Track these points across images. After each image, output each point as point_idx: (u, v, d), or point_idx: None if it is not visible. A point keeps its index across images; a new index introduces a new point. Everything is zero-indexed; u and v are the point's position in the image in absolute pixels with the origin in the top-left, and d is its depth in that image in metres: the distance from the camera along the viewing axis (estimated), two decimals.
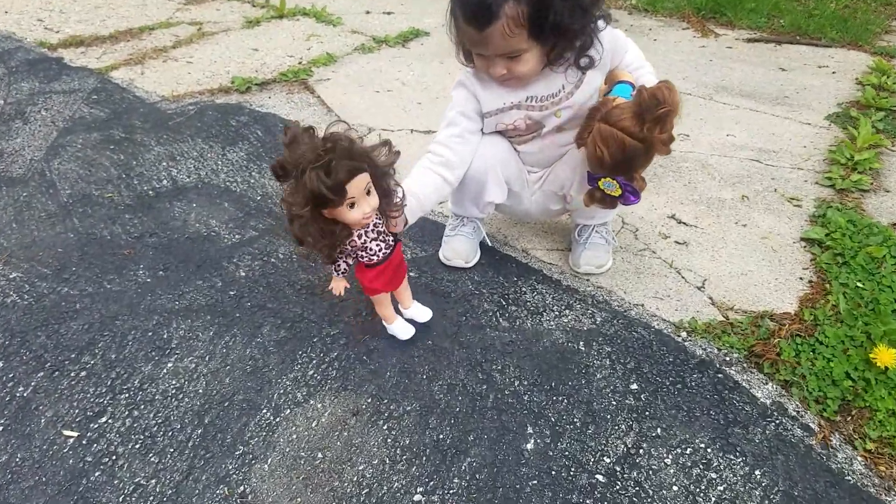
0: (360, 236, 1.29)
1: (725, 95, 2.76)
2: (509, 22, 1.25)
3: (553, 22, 1.27)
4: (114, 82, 2.82)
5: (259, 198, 2.04)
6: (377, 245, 1.32)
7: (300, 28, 3.56)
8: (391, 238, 1.35)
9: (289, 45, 3.30)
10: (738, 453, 1.25)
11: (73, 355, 1.47)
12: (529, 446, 1.26)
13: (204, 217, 1.95)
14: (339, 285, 1.38)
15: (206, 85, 2.82)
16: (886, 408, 1.32)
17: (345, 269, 1.36)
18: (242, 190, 2.08)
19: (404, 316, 1.54)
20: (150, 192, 2.07)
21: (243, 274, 1.71)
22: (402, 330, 1.49)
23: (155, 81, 2.84)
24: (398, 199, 1.31)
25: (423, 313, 1.54)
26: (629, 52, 1.48)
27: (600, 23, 1.37)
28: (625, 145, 1.26)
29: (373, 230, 1.30)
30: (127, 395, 1.37)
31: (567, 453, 1.25)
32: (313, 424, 1.30)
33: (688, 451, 1.25)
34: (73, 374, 1.42)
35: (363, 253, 1.33)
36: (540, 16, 1.26)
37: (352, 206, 1.20)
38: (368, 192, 1.22)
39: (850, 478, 1.21)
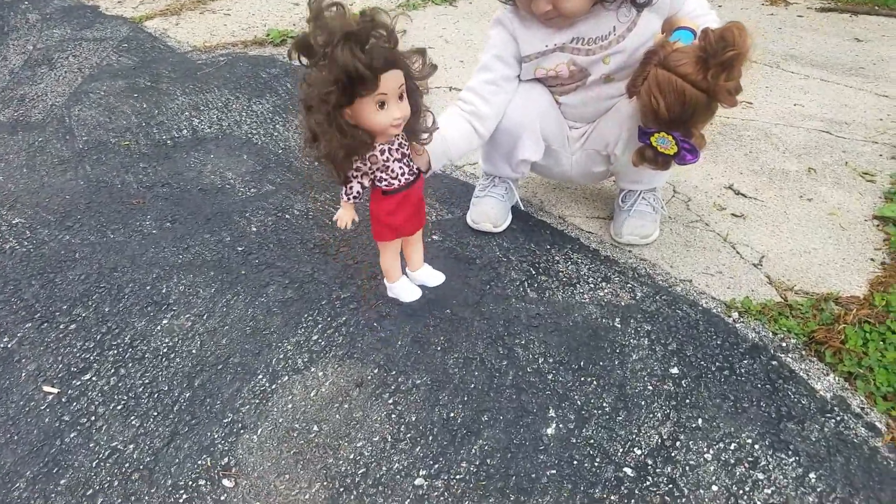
0: (382, 152, 1.13)
1: (794, 64, 2.52)
2: None
3: None
4: (146, 31, 2.75)
5: (280, 151, 1.93)
6: (400, 167, 1.15)
7: None
8: (416, 167, 1.20)
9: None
10: (790, 452, 1.07)
11: (64, 306, 1.38)
12: (550, 431, 1.11)
13: (220, 169, 1.84)
14: (347, 215, 1.20)
15: (240, 37, 2.72)
16: None
17: (357, 192, 1.17)
18: (264, 142, 1.97)
19: (412, 280, 1.39)
20: (168, 142, 1.97)
21: (254, 229, 1.60)
22: (405, 290, 1.35)
23: (189, 32, 2.76)
24: (428, 124, 1.16)
25: (434, 277, 1.38)
26: (690, 1, 1.30)
27: None
28: (685, 94, 1.10)
29: (397, 149, 1.14)
30: (115, 351, 1.27)
31: (592, 441, 1.10)
32: (312, 394, 1.17)
33: (732, 447, 1.08)
34: (61, 327, 1.33)
35: (384, 174, 1.15)
36: None
37: (381, 105, 1.04)
38: (401, 97, 1.06)
39: None
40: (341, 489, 1.03)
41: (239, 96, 2.22)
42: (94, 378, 1.22)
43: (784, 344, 1.26)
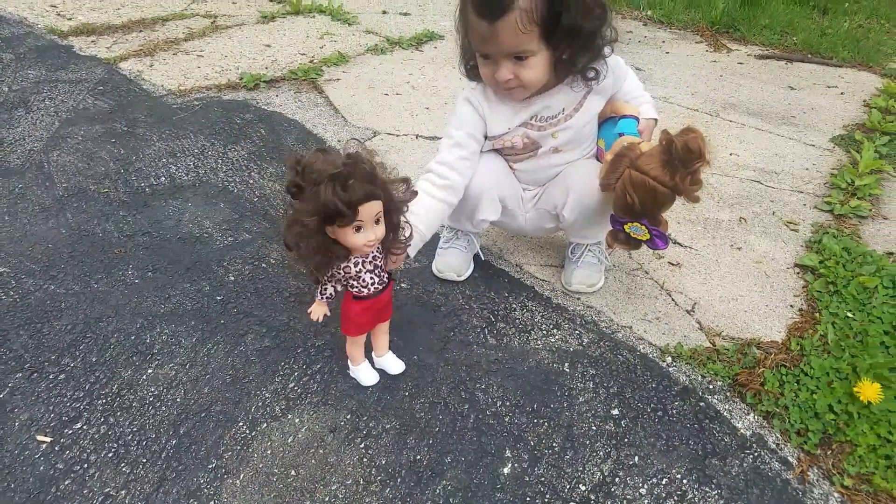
0: (356, 264, 1.25)
1: (732, 113, 2.73)
2: (522, 15, 1.23)
3: (566, 24, 1.26)
4: (121, 73, 2.83)
5: (256, 199, 2.04)
6: (371, 278, 1.28)
7: (315, 25, 3.56)
8: (386, 275, 1.32)
9: (302, 43, 3.30)
10: (713, 486, 1.23)
11: (53, 356, 1.46)
12: (506, 470, 1.25)
13: (198, 217, 1.94)
14: (319, 311, 1.32)
15: (214, 80, 2.82)
16: (867, 443, 1.30)
17: (330, 294, 1.30)
18: (240, 190, 2.08)
19: (374, 364, 1.47)
20: (147, 189, 2.07)
21: (232, 278, 1.71)
22: (365, 375, 1.43)
23: (163, 74, 2.85)
24: (404, 237, 1.29)
25: (395, 365, 1.46)
26: (628, 80, 1.49)
27: (606, 49, 1.37)
28: (656, 192, 1.28)
29: (370, 262, 1.27)
30: (104, 400, 1.37)
31: (543, 479, 1.24)
32: (289, 440, 1.29)
33: (663, 482, 1.23)
34: (51, 377, 1.42)
35: (355, 283, 1.28)
36: (554, 14, 1.25)
37: (358, 229, 1.17)
38: (377, 221, 1.19)
39: None
40: None
41: (214, 142, 2.33)
42: (84, 427, 1.32)
43: (711, 386, 1.43)
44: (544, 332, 1.57)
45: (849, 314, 1.60)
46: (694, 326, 1.59)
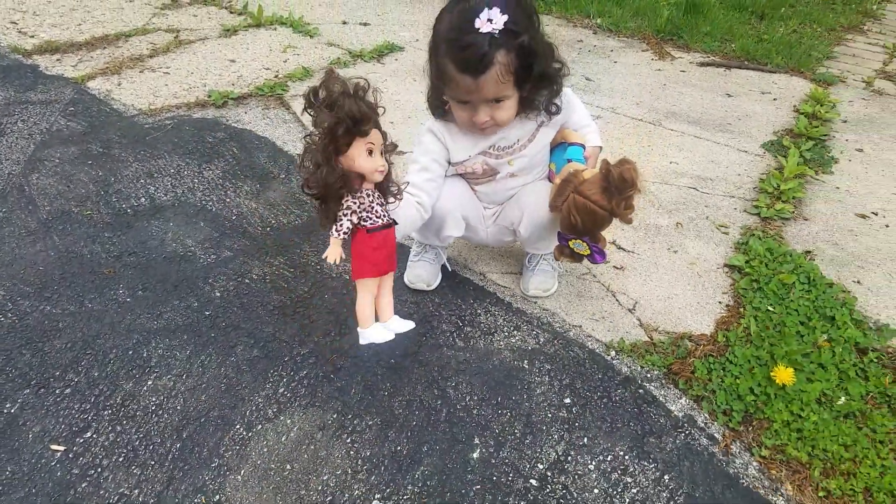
0: (368, 195, 1.42)
1: (674, 122, 2.96)
2: (501, 69, 1.43)
3: (537, 71, 1.47)
4: (91, 93, 2.92)
5: (234, 217, 2.18)
6: (382, 210, 1.45)
7: (277, 38, 3.67)
8: (387, 208, 1.49)
9: (265, 57, 3.42)
10: (651, 460, 1.44)
11: (57, 373, 1.59)
12: (475, 455, 1.44)
13: (181, 236, 2.08)
14: (335, 251, 1.45)
15: (182, 98, 2.93)
16: (782, 419, 1.53)
17: (347, 228, 1.44)
18: (218, 209, 2.22)
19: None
20: (129, 210, 2.19)
21: (218, 294, 1.85)
22: (378, 334, 1.61)
23: (132, 93, 2.95)
24: (396, 185, 1.46)
25: (403, 325, 1.66)
26: (576, 112, 1.70)
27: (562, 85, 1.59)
28: (596, 215, 1.49)
29: (377, 197, 1.44)
30: (110, 411, 1.51)
31: (507, 461, 1.43)
32: (283, 439, 1.46)
33: (608, 458, 1.44)
34: (57, 392, 1.55)
35: (369, 214, 1.43)
36: (525, 64, 1.45)
37: (370, 152, 1.35)
38: (381, 153, 1.38)
39: (744, 481, 1.41)
40: None
41: (189, 162, 2.46)
42: (94, 435, 1.46)
43: (648, 375, 1.65)
44: (506, 333, 1.76)
45: (769, 308, 1.83)
46: (635, 323, 1.81)
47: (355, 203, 1.43)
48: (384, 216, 1.46)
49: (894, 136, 2.96)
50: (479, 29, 1.38)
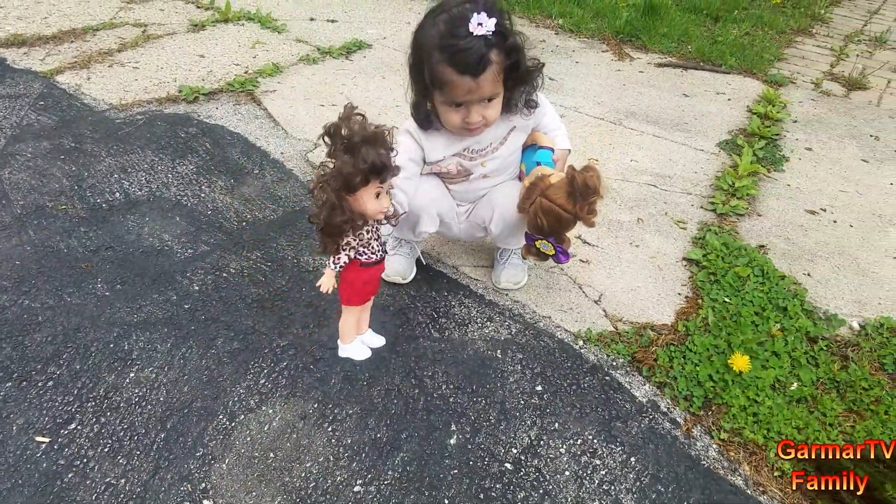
0: (367, 231, 1.47)
1: (633, 121, 3.08)
2: (497, 67, 1.53)
3: (523, 68, 1.58)
4: (60, 87, 2.89)
5: (210, 212, 2.21)
6: (377, 245, 1.50)
7: (245, 34, 3.67)
8: (384, 247, 1.55)
9: (234, 52, 3.42)
10: (618, 443, 1.53)
11: (38, 366, 1.62)
12: (452, 441, 1.51)
13: (157, 231, 2.10)
14: (329, 281, 1.49)
15: (153, 93, 2.93)
16: (739, 404, 1.64)
17: (344, 262, 1.48)
18: (193, 204, 2.24)
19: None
20: (104, 205, 2.20)
21: (196, 288, 1.89)
22: (358, 351, 1.68)
23: (102, 88, 2.93)
24: (396, 210, 1.51)
25: (377, 340, 1.72)
26: (546, 116, 1.79)
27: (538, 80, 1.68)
28: (561, 218, 1.57)
29: (374, 231, 1.49)
30: (93, 403, 1.54)
31: (483, 446, 1.51)
32: (265, 428, 1.51)
33: (578, 442, 1.53)
34: (40, 384, 1.57)
35: (366, 249, 1.49)
36: (513, 62, 1.55)
37: (377, 195, 1.38)
38: (388, 193, 1.42)
39: (704, 462, 1.52)
40: (298, 500, 1.37)
41: (163, 157, 2.48)
42: (79, 427, 1.49)
43: (614, 363, 1.74)
44: (479, 324, 1.84)
45: (726, 299, 1.94)
46: (601, 314, 1.91)
47: (355, 240, 1.48)
48: (379, 251, 1.52)
49: (841, 136, 3.12)
50: (473, 33, 1.47)
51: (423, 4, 4.28)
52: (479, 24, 1.47)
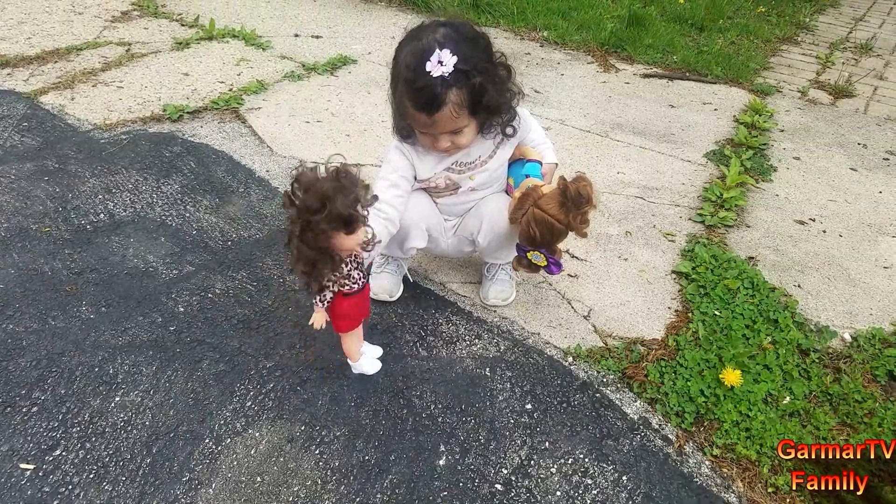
0: (346, 264, 1.47)
1: (620, 133, 3.08)
2: (454, 106, 1.51)
3: (486, 103, 1.56)
4: (44, 108, 2.88)
5: (195, 232, 2.19)
6: (357, 274, 1.50)
7: (230, 51, 3.67)
8: (364, 274, 1.54)
9: (219, 70, 3.42)
10: (609, 462, 1.52)
11: (23, 391, 1.59)
12: (442, 462, 1.49)
13: (142, 252, 2.08)
14: (321, 318, 1.51)
15: (137, 113, 2.92)
16: (731, 419, 1.63)
17: (329, 298, 1.49)
18: (178, 224, 2.22)
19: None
20: (88, 227, 2.18)
21: (182, 309, 1.87)
22: (369, 366, 1.67)
23: (86, 108, 2.91)
24: (373, 233, 1.50)
25: (376, 350, 1.70)
26: (532, 130, 1.79)
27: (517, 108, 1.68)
28: (553, 228, 1.57)
29: (354, 260, 1.48)
30: (78, 428, 1.52)
31: (473, 467, 1.49)
32: (252, 452, 1.49)
33: (569, 461, 1.51)
34: (24, 410, 1.55)
35: (346, 281, 1.49)
36: (476, 99, 1.53)
37: (351, 232, 1.37)
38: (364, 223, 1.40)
39: (697, 479, 1.50)
40: None
41: (147, 177, 2.46)
42: (64, 453, 1.46)
43: (604, 379, 1.73)
44: (467, 342, 1.82)
45: (716, 312, 1.94)
46: (590, 329, 1.89)
47: (335, 275, 1.48)
48: (360, 280, 1.52)
49: (828, 144, 3.14)
50: (430, 72, 1.46)
51: (407, 19, 4.29)
52: (439, 61, 1.46)
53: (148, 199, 2.35)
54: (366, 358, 1.68)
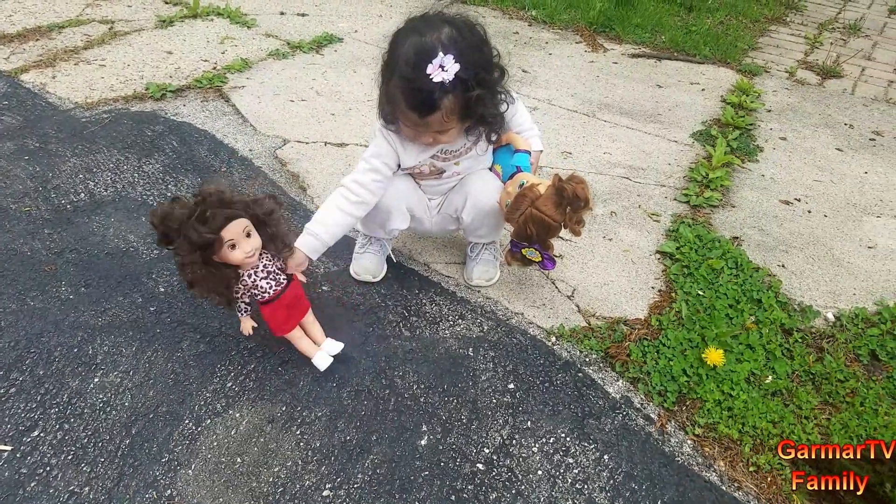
0: (249, 276, 1.50)
1: (607, 113, 3.06)
2: (446, 112, 1.50)
3: (479, 114, 1.56)
4: (25, 87, 2.83)
5: None
6: (267, 283, 1.52)
7: (214, 29, 3.61)
8: (283, 276, 1.55)
9: (203, 48, 3.36)
10: (591, 441, 1.52)
11: (1, 372, 1.57)
12: (423, 442, 1.49)
13: (122, 232, 2.06)
14: (247, 324, 1.59)
15: (120, 91, 2.87)
16: (713, 399, 1.63)
17: (245, 307, 1.56)
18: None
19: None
20: (69, 206, 2.15)
21: (162, 290, 1.85)
22: (318, 360, 1.64)
23: (68, 86, 2.87)
24: (288, 242, 1.53)
25: (334, 347, 1.68)
26: (518, 114, 1.77)
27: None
28: (550, 227, 1.60)
29: (262, 269, 1.51)
30: (57, 409, 1.50)
31: (454, 447, 1.49)
32: (232, 432, 1.48)
33: (551, 441, 1.51)
34: (2, 391, 1.53)
35: (256, 291, 1.52)
36: (470, 108, 1.52)
37: (233, 247, 1.41)
38: (248, 235, 1.43)
39: (679, 458, 1.51)
40: None
41: (129, 156, 2.42)
42: (42, 434, 1.45)
43: (587, 359, 1.73)
44: (451, 322, 1.82)
45: (699, 292, 1.94)
46: (573, 309, 1.89)
47: (240, 289, 1.52)
48: (272, 288, 1.53)
49: (815, 125, 3.13)
50: (430, 76, 1.43)
51: None
52: (441, 66, 1.43)
53: (129, 178, 2.32)
54: (319, 353, 1.65)
